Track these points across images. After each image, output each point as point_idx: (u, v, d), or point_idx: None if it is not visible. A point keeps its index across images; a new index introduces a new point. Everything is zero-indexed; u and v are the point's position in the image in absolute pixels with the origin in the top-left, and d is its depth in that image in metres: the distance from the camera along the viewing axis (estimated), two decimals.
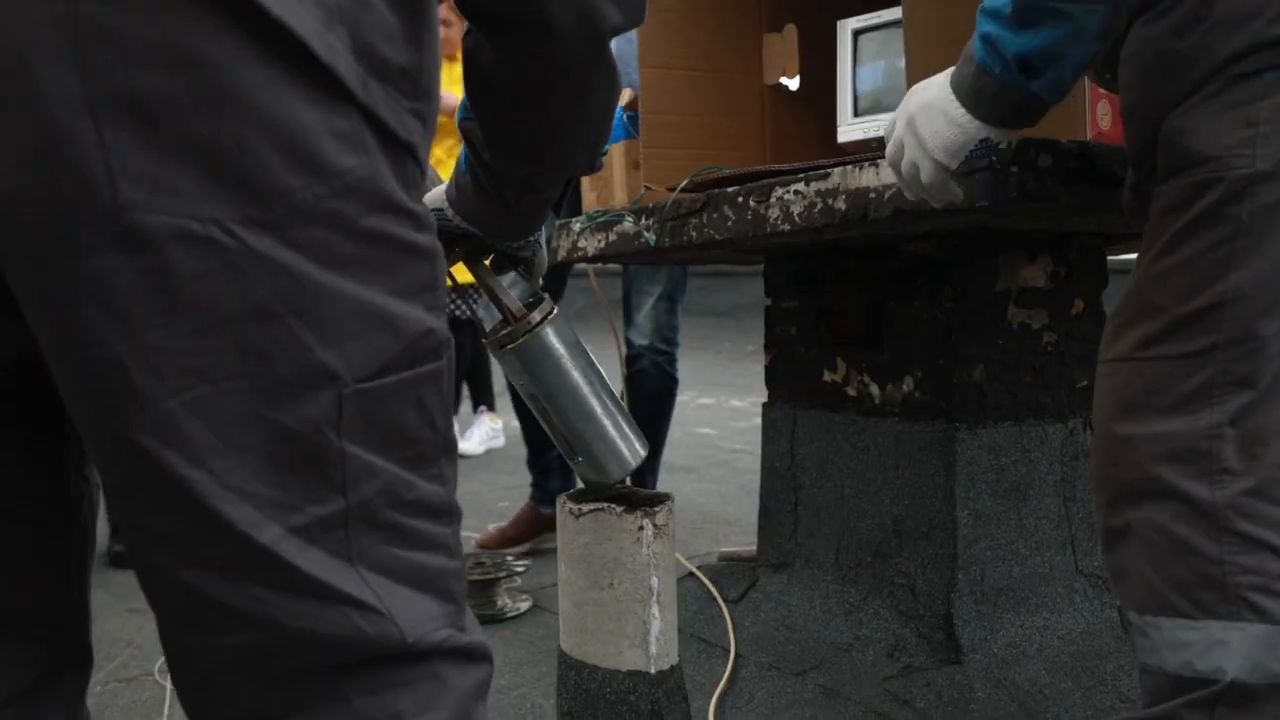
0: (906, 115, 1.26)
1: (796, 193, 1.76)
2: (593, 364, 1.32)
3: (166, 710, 2.08)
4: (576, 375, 1.30)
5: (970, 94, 1.20)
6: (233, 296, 0.66)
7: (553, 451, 3.12)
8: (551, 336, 1.29)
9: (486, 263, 1.29)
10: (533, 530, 3.22)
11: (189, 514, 0.68)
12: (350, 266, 0.69)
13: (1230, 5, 1.07)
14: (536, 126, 0.98)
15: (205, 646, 0.74)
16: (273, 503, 0.69)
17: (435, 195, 1.19)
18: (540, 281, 1.35)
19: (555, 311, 1.30)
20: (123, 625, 2.56)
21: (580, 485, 3.12)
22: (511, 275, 1.31)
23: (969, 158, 1.23)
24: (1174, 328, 1.11)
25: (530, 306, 1.30)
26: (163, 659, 2.24)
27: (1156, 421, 1.12)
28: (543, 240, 1.30)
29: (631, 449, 1.33)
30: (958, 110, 1.21)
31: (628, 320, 3.11)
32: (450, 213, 1.18)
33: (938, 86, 1.23)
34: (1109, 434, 1.18)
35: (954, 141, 1.21)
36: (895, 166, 1.30)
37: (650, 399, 3.05)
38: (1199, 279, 1.09)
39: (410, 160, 0.74)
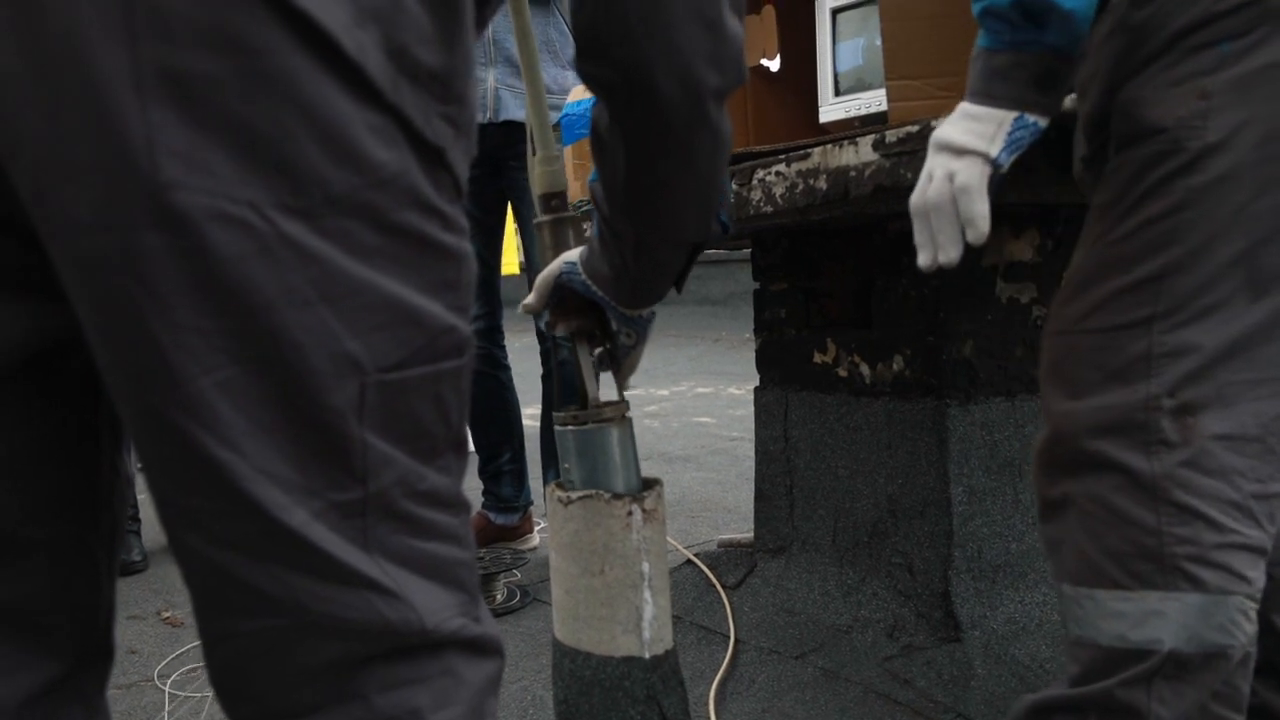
0: (930, 151, 1.17)
1: (778, 174, 1.75)
2: (637, 475, 1.36)
3: (166, 715, 2.07)
4: (617, 482, 1.34)
5: (983, 86, 1.12)
6: (265, 281, 0.66)
7: (504, 456, 3.08)
8: (614, 438, 1.33)
9: (589, 346, 1.35)
10: (483, 540, 3.07)
11: (219, 493, 0.69)
12: (377, 259, 0.70)
13: None
14: (645, 187, 1.04)
15: (231, 630, 0.74)
16: (298, 487, 0.70)
17: (573, 254, 1.28)
18: (627, 384, 1.41)
19: (627, 417, 1.35)
20: (123, 632, 2.55)
21: (526, 494, 3.09)
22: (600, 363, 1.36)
23: (1011, 143, 1.11)
24: (1112, 298, 1.10)
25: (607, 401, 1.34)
26: (163, 664, 2.23)
27: (1095, 394, 1.11)
28: (646, 334, 1.35)
29: None
30: (976, 109, 1.12)
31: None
32: (581, 272, 1.26)
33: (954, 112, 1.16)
34: (1049, 410, 1.17)
35: (983, 129, 1.11)
36: (923, 204, 1.16)
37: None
38: (1142, 250, 1.09)
39: (439, 164, 0.74)
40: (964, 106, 1.14)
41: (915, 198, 1.18)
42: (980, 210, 1.12)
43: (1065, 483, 1.14)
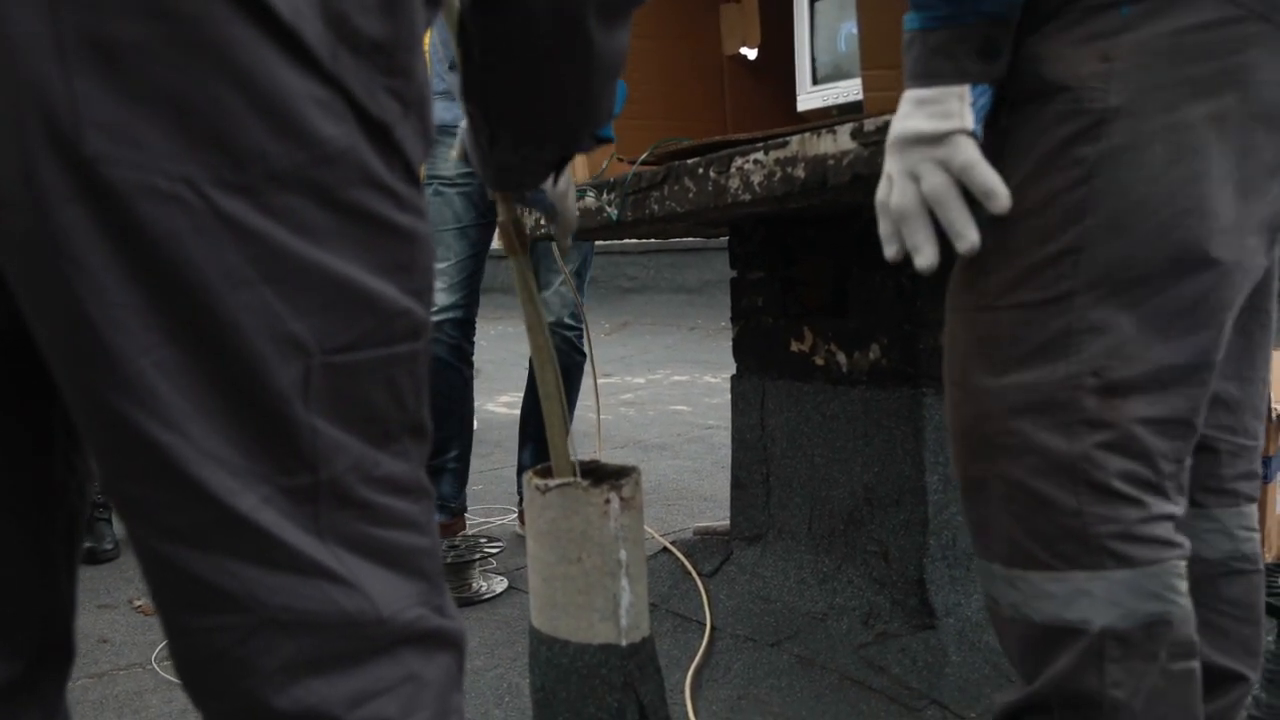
0: (888, 159, 1.11)
1: (756, 162, 1.75)
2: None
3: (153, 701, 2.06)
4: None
5: (925, 69, 1.07)
6: (201, 259, 0.64)
7: (449, 453, 3.05)
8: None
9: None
10: None
11: (165, 479, 0.66)
12: (325, 237, 0.68)
13: None
14: (505, 96, 0.99)
15: (186, 625, 0.72)
16: (245, 471, 0.68)
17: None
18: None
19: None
20: (94, 621, 2.54)
21: (463, 498, 3.07)
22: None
23: (978, 112, 1.05)
24: (1030, 273, 1.07)
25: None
26: (155, 652, 2.19)
27: (1015, 372, 1.09)
28: (548, 206, 1.34)
29: None
30: (926, 92, 1.07)
31: None
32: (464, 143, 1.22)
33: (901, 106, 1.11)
34: (968, 386, 1.14)
35: (948, 108, 1.05)
36: (912, 203, 1.09)
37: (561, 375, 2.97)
38: (1055, 222, 1.06)
39: (387, 142, 0.71)
40: (912, 94, 1.08)
41: (901, 200, 1.10)
42: (994, 177, 1.04)
43: (984, 463, 1.13)
